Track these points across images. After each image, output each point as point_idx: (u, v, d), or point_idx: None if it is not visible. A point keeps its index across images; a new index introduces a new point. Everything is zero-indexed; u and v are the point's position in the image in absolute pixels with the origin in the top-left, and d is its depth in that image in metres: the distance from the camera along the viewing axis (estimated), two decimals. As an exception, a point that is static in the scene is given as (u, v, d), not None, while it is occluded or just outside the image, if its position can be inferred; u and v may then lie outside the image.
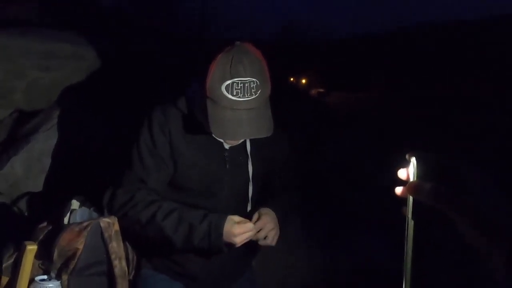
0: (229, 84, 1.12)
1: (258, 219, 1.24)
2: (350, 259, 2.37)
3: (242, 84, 1.12)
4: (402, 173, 0.53)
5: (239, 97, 1.13)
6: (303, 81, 26.65)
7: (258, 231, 1.21)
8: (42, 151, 1.99)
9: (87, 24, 3.62)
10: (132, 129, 1.30)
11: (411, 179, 0.51)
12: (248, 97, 1.13)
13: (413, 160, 0.51)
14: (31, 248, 1.10)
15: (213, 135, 1.19)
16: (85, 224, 1.16)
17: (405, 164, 0.53)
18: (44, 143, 2.01)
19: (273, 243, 1.25)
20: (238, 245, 1.16)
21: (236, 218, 1.18)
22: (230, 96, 1.13)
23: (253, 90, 1.13)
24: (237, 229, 1.15)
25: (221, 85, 1.12)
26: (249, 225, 1.18)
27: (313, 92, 21.16)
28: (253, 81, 1.13)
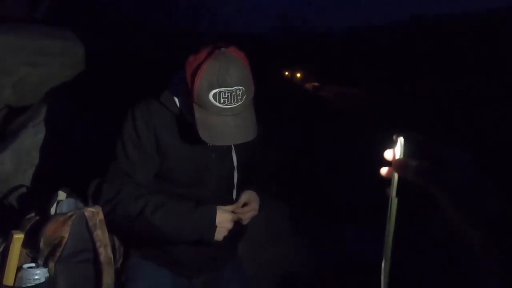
0: (216, 92, 1.16)
1: (247, 201, 1.33)
2: (340, 252, 2.42)
3: (229, 93, 1.16)
4: (388, 154, 0.54)
5: (226, 105, 1.17)
6: (298, 75, 26.61)
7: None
8: (31, 146, 2.02)
9: (77, 20, 3.63)
10: (119, 125, 1.33)
11: (397, 158, 0.53)
12: (234, 104, 1.18)
13: (400, 139, 0.53)
14: (18, 237, 1.15)
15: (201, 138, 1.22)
16: (69, 213, 1.20)
17: (392, 145, 0.54)
18: (33, 138, 2.04)
19: (245, 222, 1.34)
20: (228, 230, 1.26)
21: (226, 208, 1.27)
22: (217, 104, 1.17)
23: (239, 97, 1.18)
24: (227, 217, 1.25)
25: (208, 93, 1.16)
26: (233, 214, 1.27)
27: (308, 86, 21.19)
28: (239, 88, 1.17)
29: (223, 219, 1.25)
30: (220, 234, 1.25)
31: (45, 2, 3.78)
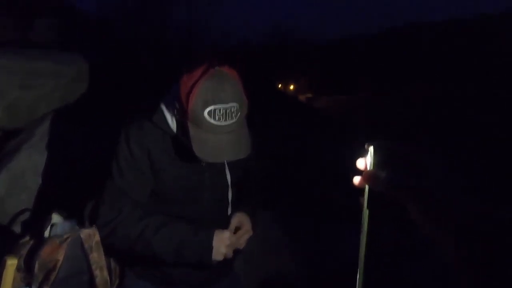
0: (211, 110, 1.16)
1: (238, 225, 1.33)
2: (335, 260, 2.41)
3: (224, 110, 1.17)
4: (360, 163, 0.53)
5: (221, 122, 1.17)
6: (291, 87, 26.84)
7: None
8: (25, 169, 2.01)
9: (70, 41, 3.65)
10: (113, 145, 1.33)
11: (368, 169, 0.52)
12: (229, 121, 1.18)
13: (370, 149, 0.52)
14: (11, 263, 1.13)
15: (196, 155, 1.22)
16: (65, 236, 1.18)
17: (364, 154, 0.53)
18: (27, 160, 2.03)
19: (241, 246, 1.33)
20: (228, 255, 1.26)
21: (225, 234, 1.26)
22: (212, 121, 1.17)
23: (233, 114, 1.18)
24: (224, 239, 1.25)
25: (203, 111, 1.16)
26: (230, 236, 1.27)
27: (302, 97, 21.36)
28: (234, 105, 1.18)
29: (220, 241, 1.25)
30: (217, 256, 1.25)
31: (38, 24, 3.80)
